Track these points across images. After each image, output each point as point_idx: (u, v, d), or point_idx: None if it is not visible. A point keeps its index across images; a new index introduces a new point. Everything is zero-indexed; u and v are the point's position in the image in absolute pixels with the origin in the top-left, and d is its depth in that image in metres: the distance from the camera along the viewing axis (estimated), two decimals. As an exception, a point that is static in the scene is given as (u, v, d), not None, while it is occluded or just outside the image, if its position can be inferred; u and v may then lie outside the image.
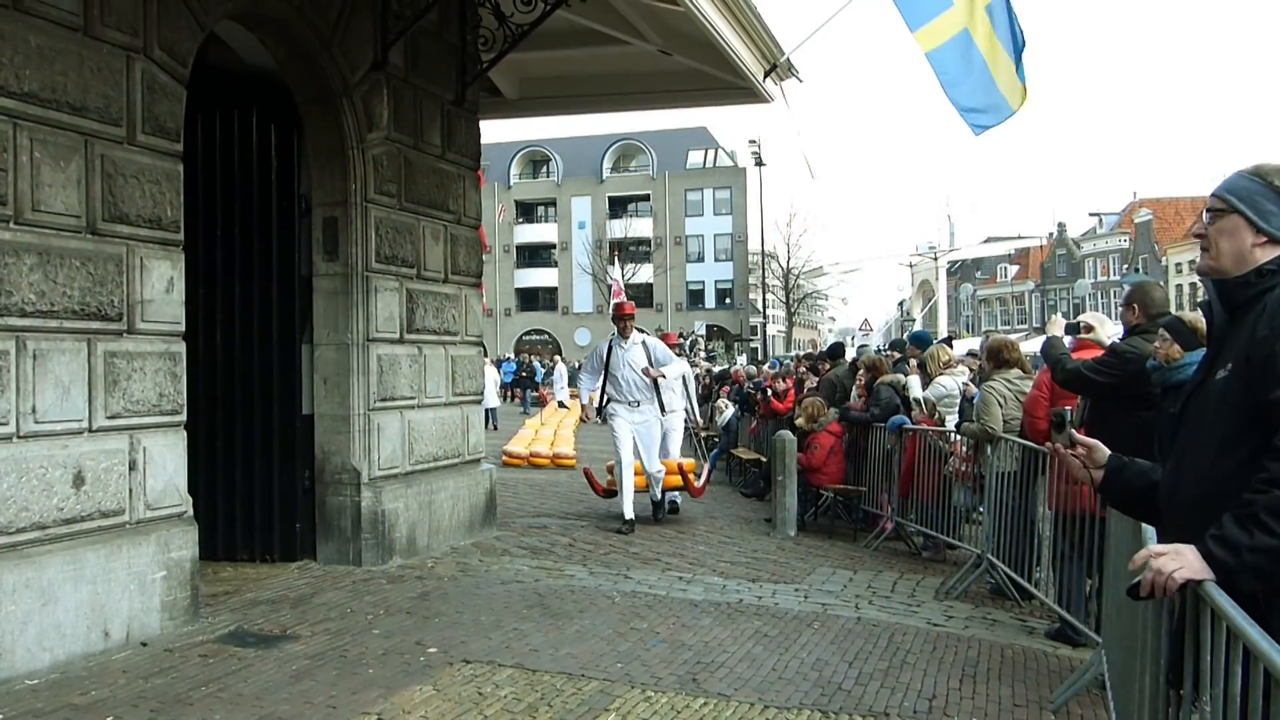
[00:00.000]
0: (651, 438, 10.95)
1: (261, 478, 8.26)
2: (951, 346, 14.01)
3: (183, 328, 6.58)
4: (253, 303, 8.27)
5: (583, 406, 12.55)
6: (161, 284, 6.33)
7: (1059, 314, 8.24)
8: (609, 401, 11.10)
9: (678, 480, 11.51)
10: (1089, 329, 7.45)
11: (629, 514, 10.59)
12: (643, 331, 11.46)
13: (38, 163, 5.54)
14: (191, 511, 6.61)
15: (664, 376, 11.03)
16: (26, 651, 5.36)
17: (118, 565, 5.93)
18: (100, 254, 5.92)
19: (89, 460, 5.83)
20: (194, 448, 6.84)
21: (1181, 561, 2.57)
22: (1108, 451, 3.20)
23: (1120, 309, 7.03)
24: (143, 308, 6.22)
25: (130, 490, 6.11)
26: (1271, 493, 2.47)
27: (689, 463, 11.97)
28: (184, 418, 6.60)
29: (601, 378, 11.21)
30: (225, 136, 8.26)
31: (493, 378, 31.88)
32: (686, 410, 12.15)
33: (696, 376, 28.73)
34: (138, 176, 6.17)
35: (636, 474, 10.88)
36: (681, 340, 61.46)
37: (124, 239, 6.09)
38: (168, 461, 6.40)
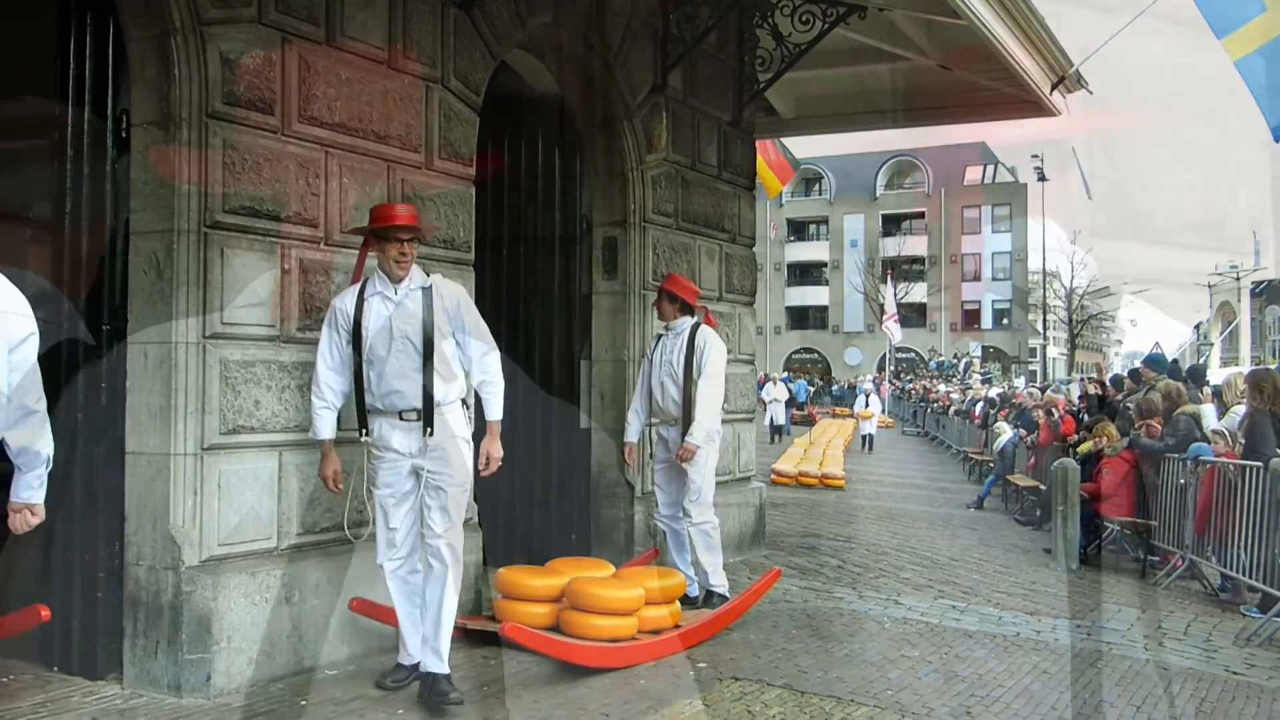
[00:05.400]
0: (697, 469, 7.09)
1: (540, 488, 8.53)
2: None
3: (472, 343, 6.89)
4: (535, 319, 8.57)
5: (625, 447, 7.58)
6: (454, 301, 6.65)
7: None
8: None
9: (665, 618, 6.53)
10: None
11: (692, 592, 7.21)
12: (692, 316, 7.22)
13: (345, 188, 5.95)
14: (476, 518, 6.91)
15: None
16: (328, 644, 5.75)
17: (409, 566, 6.25)
18: (400, 272, 6.28)
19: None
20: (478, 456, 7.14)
21: None
22: None
23: None
24: (436, 323, 6.54)
25: (421, 496, 6.43)
26: None
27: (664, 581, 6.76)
28: (472, 428, 6.91)
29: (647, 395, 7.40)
30: (512, 159, 8.61)
31: (782, 394, 32.14)
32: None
33: (972, 400, 27.73)
34: (434, 200, 6.53)
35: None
36: (955, 360, 59.96)
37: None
38: (455, 470, 6.70)
